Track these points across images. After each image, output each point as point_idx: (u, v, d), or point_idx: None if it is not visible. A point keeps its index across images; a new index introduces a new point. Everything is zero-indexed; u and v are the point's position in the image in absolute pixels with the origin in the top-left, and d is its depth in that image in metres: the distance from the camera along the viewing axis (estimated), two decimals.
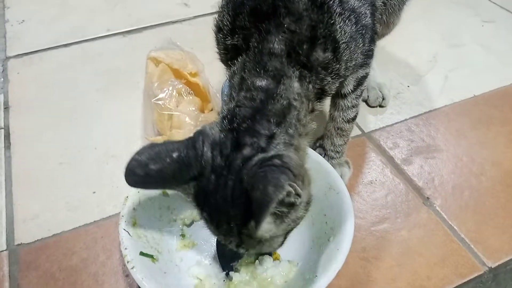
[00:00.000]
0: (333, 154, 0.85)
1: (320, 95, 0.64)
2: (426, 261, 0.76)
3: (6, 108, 1.02)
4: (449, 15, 1.38)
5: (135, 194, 0.69)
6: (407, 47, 1.24)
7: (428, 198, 0.86)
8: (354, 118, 0.82)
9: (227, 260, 0.70)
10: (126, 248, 0.62)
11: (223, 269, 0.70)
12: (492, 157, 0.94)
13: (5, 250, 0.76)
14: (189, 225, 0.75)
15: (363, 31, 0.67)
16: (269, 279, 0.67)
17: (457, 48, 1.25)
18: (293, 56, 0.59)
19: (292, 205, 0.53)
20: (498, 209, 0.84)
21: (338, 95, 0.79)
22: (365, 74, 0.77)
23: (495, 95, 1.10)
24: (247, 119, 0.55)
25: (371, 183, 0.89)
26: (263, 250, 0.60)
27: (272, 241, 0.58)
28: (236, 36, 0.62)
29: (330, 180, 0.72)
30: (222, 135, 0.55)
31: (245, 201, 0.50)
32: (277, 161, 0.51)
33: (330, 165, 0.74)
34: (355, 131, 0.99)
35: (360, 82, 0.77)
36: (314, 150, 0.80)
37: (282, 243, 0.61)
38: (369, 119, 1.02)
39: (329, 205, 0.70)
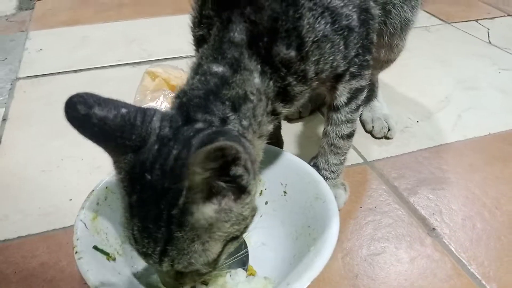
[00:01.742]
0: (327, 173, 0.78)
1: (284, 96, 0.60)
2: None
3: (4, 120, 1.02)
4: (464, 64, 1.34)
5: (102, 189, 0.64)
6: (419, 88, 1.19)
7: (434, 228, 0.76)
8: (349, 136, 0.76)
9: None
10: (78, 239, 0.56)
11: None
12: (510, 192, 0.84)
13: None
14: None
15: (345, 33, 0.62)
16: None
17: (471, 90, 1.20)
18: (254, 49, 0.55)
19: (236, 184, 0.46)
20: None
21: (331, 108, 0.74)
22: (359, 87, 0.71)
23: None
24: (200, 98, 0.51)
25: (371, 210, 0.80)
26: (194, 259, 0.48)
27: (207, 244, 0.48)
28: (202, 25, 0.60)
29: (317, 189, 0.65)
30: (172, 112, 0.51)
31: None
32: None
33: (320, 176, 0.67)
34: (356, 159, 0.92)
35: (354, 94, 0.72)
36: None
37: (218, 257, 0.50)
38: (372, 149, 0.96)
39: (314, 216, 0.63)
